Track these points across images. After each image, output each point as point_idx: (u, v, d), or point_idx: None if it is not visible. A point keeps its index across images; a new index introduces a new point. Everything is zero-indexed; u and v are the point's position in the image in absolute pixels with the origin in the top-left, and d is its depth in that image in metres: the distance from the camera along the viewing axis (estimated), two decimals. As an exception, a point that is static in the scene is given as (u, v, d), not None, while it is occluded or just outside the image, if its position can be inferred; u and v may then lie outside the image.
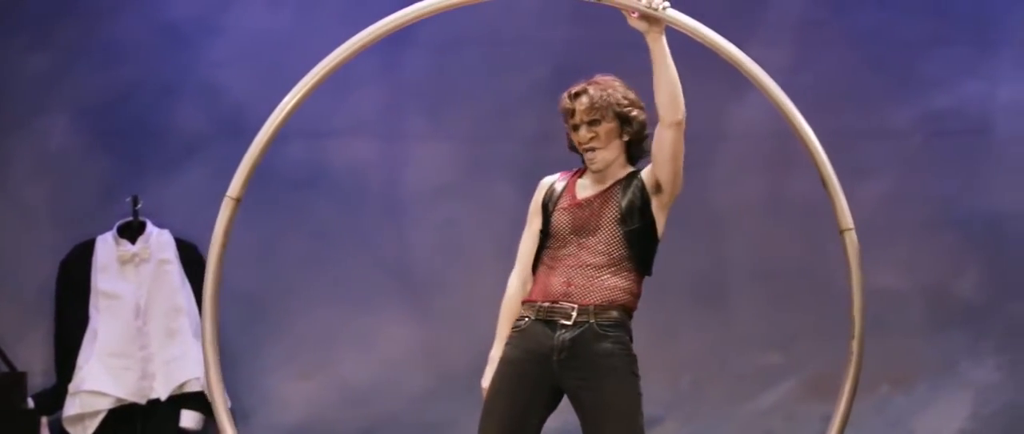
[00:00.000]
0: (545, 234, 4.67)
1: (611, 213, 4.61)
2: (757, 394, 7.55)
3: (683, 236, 7.54)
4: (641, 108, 4.66)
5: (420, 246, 7.52)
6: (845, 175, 7.39)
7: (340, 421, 7.49)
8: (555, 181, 4.75)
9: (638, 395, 4.60)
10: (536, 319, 4.58)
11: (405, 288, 7.52)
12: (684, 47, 4.67)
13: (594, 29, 4.71)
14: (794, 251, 7.47)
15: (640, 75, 4.66)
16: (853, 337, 4.67)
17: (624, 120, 4.63)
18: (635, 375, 4.60)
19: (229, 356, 7.37)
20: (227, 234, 4.64)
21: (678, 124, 4.56)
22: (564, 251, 4.60)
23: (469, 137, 7.32)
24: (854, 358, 4.67)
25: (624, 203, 4.61)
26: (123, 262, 7.17)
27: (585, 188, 4.68)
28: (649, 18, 4.47)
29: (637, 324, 7.46)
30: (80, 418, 7.09)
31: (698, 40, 4.56)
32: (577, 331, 4.55)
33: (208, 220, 7.27)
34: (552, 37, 7.41)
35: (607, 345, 4.57)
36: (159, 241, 7.22)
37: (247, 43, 7.43)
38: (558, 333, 4.55)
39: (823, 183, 4.69)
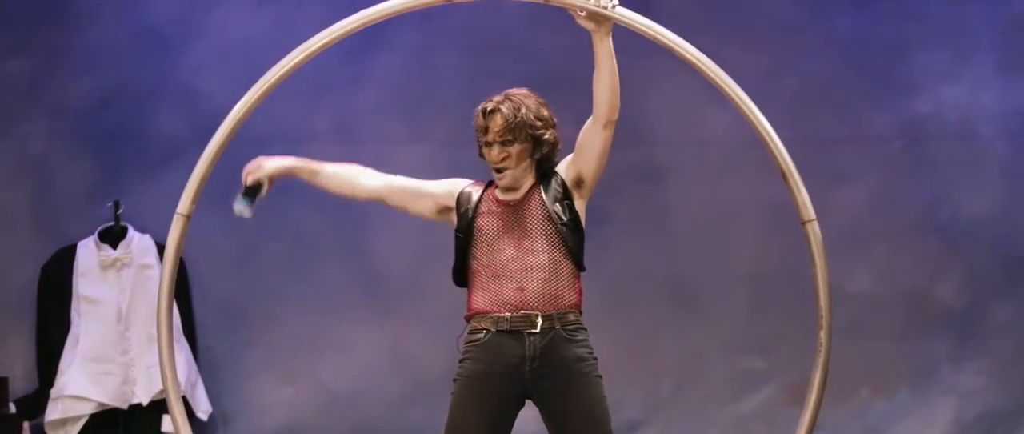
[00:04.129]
0: (469, 240, 4.65)
1: (539, 212, 4.60)
2: (738, 399, 7.55)
3: (664, 241, 7.58)
4: (553, 127, 4.65)
5: (399, 251, 7.52)
6: (825, 180, 7.47)
7: (321, 426, 7.48)
8: (470, 186, 4.74)
9: (605, 398, 4.61)
10: (498, 331, 4.57)
11: (384, 293, 7.52)
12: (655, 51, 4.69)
13: (574, 35, 4.71)
14: (775, 256, 7.47)
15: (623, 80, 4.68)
16: (821, 328, 4.66)
17: (537, 142, 4.61)
18: (601, 378, 4.62)
19: (210, 361, 7.40)
20: (179, 251, 4.68)
21: (613, 123, 4.57)
22: (502, 256, 4.58)
23: (448, 142, 7.31)
24: (823, 349, 4.66)
25: (549, 200, 4.62)
26: (104, 267, 7.16)
27: (504, 194, 4.67)
28: (597, 17, 4.47)
29: (617, 328, 7.50)
30: (62, 423, 7.08)
31: (650, 38, 4.55)
32: (547, 338, 4.55)
33: (189, 225, 7.29)
34: (532, 41, 7.41)
35: (578, 350, 4.59)
36: (140, 246, 7.21)
37: (227, 48, 7.42)
38: (529, 341, 4.55)
39: (783, 176, 4.66)
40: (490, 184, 4.73)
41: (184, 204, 4.71)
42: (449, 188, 4.75)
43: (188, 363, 7.17)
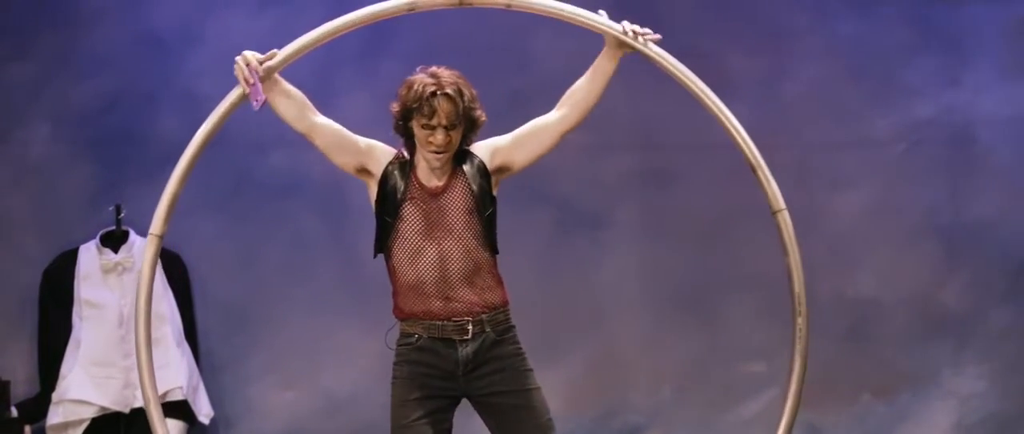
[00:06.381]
0: (392, 229, 4.66)
1: (462, 204, 4.64)
2: (740, 403, 7.55)
3: (667, 245, 7.57)
4: (480, 105, 4.68)
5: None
6: (827, 185, 7.47)
7: (322, 430, 7.49)
8: (394, 161, 4.74)
9: (540, 388, 4.69)
10: (430, 337, 4.64)
11: (384, 298, 7.50)
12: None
13: (572, 40, 4.73)
14: (777, 260, 7.43)
15: (620, 81, 4.68)
16: (799, 314, 4.68)
17: (472, 124, 4.66)
18: (532, 371, 4.69)
19: (211, 365, 7.39)
20: (153, 270, 4.69)
21: (571, 130, 4.66)
22: (422, 263, 4.63)
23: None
24: (802, 335, 4.68)
25: (475, 189, 4.65)
26: (106, 271, 7.16)
27: (428, 177, 4.68)
28: (626, 45, 4.53)
29: (619, 332, 7.49)
30: (64, 427, 7.08)
31: (668, 73, 4.60)
32: (477, 343, 4.64)
33: (191, 229, 7.28)
34: (529, 47, 7.41)
35: (508, 348, 4.67)
36: (142, 250, 7.21)
37: (228, 52, 7.39)
38: (460, 348, 4.63)
39: (752, 169, 4.71)
40: (411, 166, 4.71)
41: (156, 225, 4.69)
42: (372, 152, 4.77)
43: (190, 367, 7.17)
